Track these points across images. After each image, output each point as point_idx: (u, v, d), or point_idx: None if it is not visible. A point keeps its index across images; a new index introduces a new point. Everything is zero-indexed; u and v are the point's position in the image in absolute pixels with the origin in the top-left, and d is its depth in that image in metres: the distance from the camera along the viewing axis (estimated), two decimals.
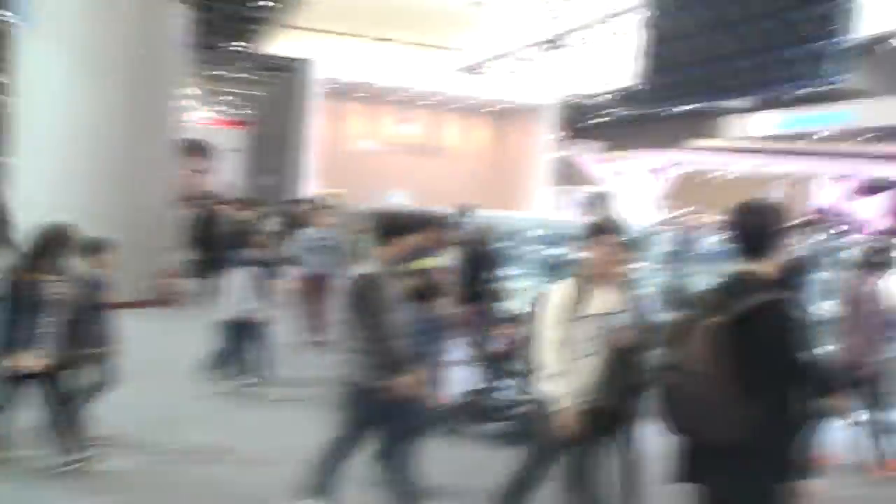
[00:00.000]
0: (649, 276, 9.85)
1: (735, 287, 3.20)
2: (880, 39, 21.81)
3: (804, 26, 20.65)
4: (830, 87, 22.14)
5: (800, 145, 31.95)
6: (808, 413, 3.10)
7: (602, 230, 5.05)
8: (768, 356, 2.96)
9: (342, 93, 31.25)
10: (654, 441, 4.51)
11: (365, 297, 5.11)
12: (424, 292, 6.95)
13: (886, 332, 7.15)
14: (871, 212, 38.02)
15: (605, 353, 4.89)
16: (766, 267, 3.23)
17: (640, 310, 5.24)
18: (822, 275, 10.78)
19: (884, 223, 36.56)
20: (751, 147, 32.96)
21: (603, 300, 4.97)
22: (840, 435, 7.43)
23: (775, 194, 37.94)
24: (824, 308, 8.24)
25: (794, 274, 7.55)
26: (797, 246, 10.89)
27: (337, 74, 29.02)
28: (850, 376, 7.03)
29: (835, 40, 19.98)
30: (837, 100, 25.28)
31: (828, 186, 39.32)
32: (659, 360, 3.47)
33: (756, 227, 3.28)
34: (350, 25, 30.75)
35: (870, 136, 28.79)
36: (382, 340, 5.09)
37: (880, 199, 38.47)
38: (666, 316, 5.01)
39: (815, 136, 29.10)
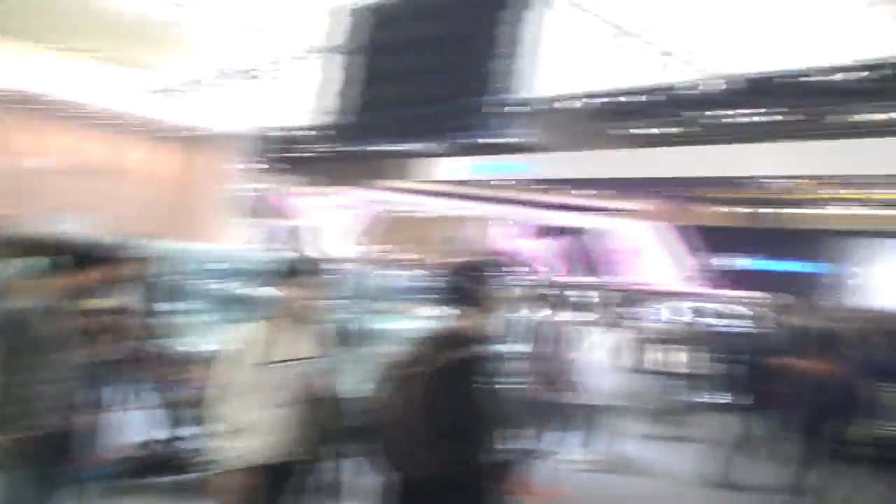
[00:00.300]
0: (340, 315, 9.62)
1: (444, 339, 3.58)
2: (551, 101, 24.22)
3: (488, 80, 22.37)
4: (509, 139, 24.34)
5: (486, 191, 34.38)
6: (502, 451, 3.53)
7: (296, 269, 4.65)
8: (462, 404, 3.37)
9: (10, 103, 27.66)
10: (360, 480, 4.58)
11: (15, 335, 4.32)
12: (94, 331, 6.02)
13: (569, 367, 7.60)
14: (545, 254, 42.18)
15: (297, 402, 4.47)
16: (471, 322, 3.60)
17: (332, 352, 4.92)
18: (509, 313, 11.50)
19: (557, 266, 40.72)
20: (442, 190, 34.90)
21: (295, 344, 4.54)
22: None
23: (464, 235, 40.57)
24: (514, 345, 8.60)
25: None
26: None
27: (4, 83, 25.65)
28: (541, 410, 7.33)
29: (512, 97, 21.92)
30: (516, 152, 27.60)
31: (509, 230, 42.98)
32: (368, 402, 3.75)
33: (466, 285, 3.66)
34: (29, 31, 27.43)
35: (546, 186, 31.81)
36: (33, 384, 4.36)
37: (554, 244, 42.89)
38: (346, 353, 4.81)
39: (499, 182, 31.41)
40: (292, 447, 4.45)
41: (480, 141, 24.88)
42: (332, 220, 35.93)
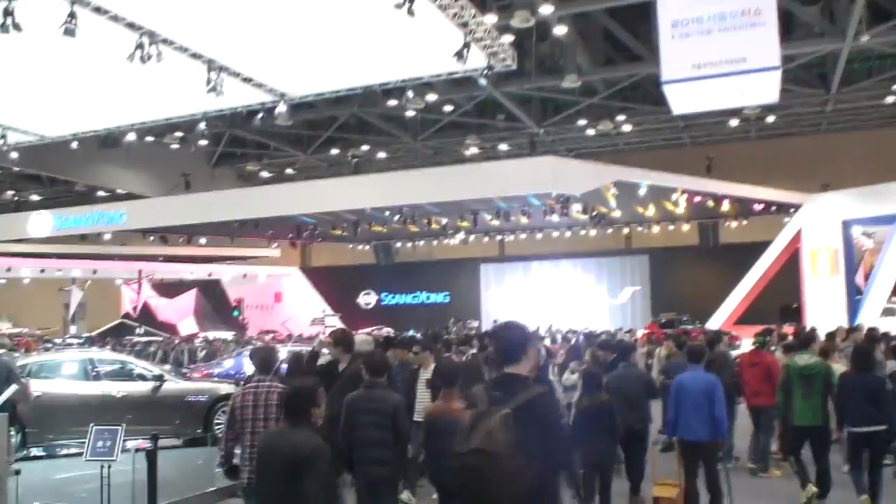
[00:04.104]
0: None
1: (503, 385, 3.82)
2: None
3: None
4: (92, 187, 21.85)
5: (86, 246, 31.05)
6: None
7: None
8: (542, 433, 3.67)
9: None
10: None
11: None
12: None
13: None
14: (175, 313, 39.39)
15: None
16: (522, 368, 3.85)
17: None
18: None
19: (187, 324, 38.19)
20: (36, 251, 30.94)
21: None
22: None
23: (73, 297, 36.35)
24: None
25: None
26: None
27: None
28: None
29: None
30: (103, 201, 25.15)
31: (131, 288, 39.46)
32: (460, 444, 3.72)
33: (512, 339, 3.91)
34: None
35: (152, 237, 29.46)
36: None
37: (183, 300, 40.27)
38: None
39: (98, 236, 28.42)
40: None
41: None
42: None
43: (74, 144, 18.12)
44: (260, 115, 15.90)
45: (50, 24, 9.71)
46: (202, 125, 15.32)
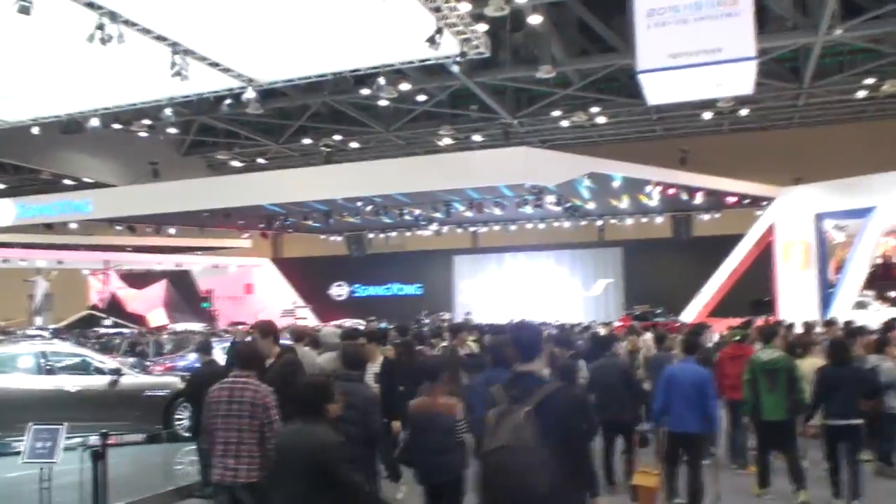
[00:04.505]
0: None
1: (522, 383, 3.97)
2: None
3: None
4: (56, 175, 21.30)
5: (51, 236, 30.40)
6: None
7: None
8: (564, 426, 3.84)
9: None
10: None
11: None
12: None
13: None
14: (144, 304, 38.74)
15: None
16: (536, 366, 4.06)
17: None
18: None
19: (156, 315, 37.57)
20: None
21: None
22: None
23: (38, 288, 35.62)
24: None
25: None
26: None
27: None
28: None
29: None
30: (70, 190, 24.59)
31: (98, 279, 38.78)
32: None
33: (529, 338, 4.09)
34: None
35: (119, 227, 28.87)
36: None
37: (152, 291, 39.62)
38: None
39: (64, 226, 27.80)
40: None
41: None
42: None
43: (35, 130, 17.60)
44: (227, 102, 15.53)
45: (5, 2, 9.31)
46: (168, 111, 14.92)
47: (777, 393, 7.81)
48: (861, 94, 25.79)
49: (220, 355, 9.97)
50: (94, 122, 15.26)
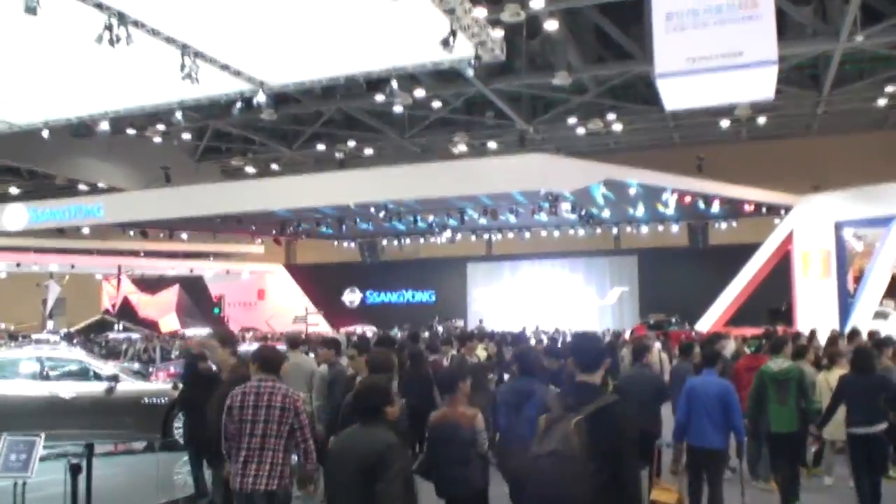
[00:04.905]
0: None
1: (578, 393, 4.02)
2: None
3: None
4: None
5: (64, 241, 30.43)
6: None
7: None
8: (615, 440, 3.82)
9: None
10: None
11: None
12: None
13: None
14: (156, 309, 38.72)
15: None
16: (596, 378, 4.05)
17: None
18: None
19: (169, 321, 37.54)
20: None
21: None
22: None
23: (50, 292, 35.63)
24: None
25: None
26: None
27: None
28: None
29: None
30: (81, 194, 24.55)
31: (110, 284, 38.80)
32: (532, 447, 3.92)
33: (591, 349, 4.17)
34: None
35: (132, 232, 28.84)
36: None
37: (165, 296, 39.60)
38: None
39: (77, 231, 27.80)
40: None
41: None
42: None
43: (45, 133, 17.49)
44: (238, 105, 15.33)
45: (12, 4, 9.15)
46: (178, 114, 14.75)
47: (788, 404, 7.61)
48: (881, 101, 25.38)
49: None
50: (104, 126, 15.15)
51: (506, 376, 10.38)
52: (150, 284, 39.87)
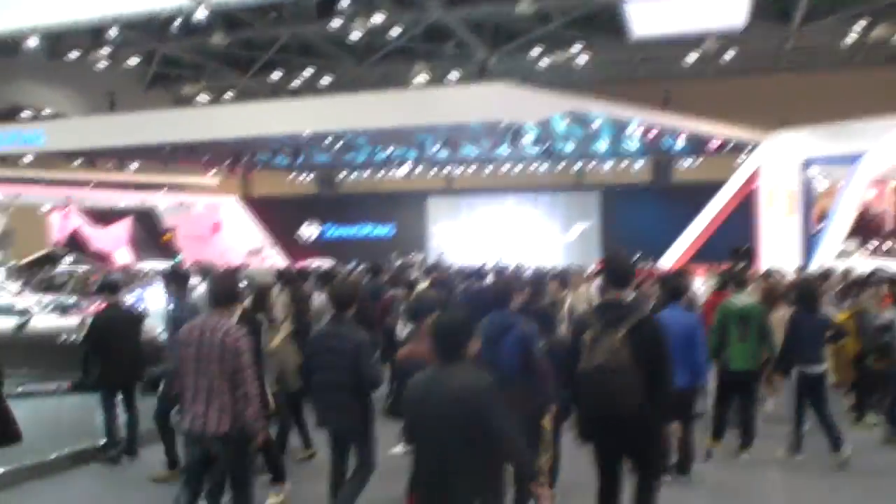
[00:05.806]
0: None
1: (614, 309, 4.41)
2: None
3: None
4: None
5: (5, 169, 29.03)
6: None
7: None
8: (656, 348, 4.30)
9: None
10: None
11: None
12: None
13: None
14: (109, 242, 37.51)
15: None
16: (628, 295, 4.68)
17: None
18: None
19: (121, 254, 36.41)
20: None
21: None
22: None
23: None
24: None
25: None
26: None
27: None
28: None
29: None
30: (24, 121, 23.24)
31: (61, 215, 37.41)
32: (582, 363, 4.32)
33: (622, 267, 4.61)
34: None
35: (77, 161, 27.57)
36: None
37: (117, 229, 38.33)
38: None
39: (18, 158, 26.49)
40: None
41: None
42: None
43: None
44: (179, 23, 14.38)
45: None
46: (113, 30, 13.77)
47: (749, 342, 7.32)
48: (851, 38, 24.89)
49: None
50: (33, 42, 14.05)
51: None
52: (101, 216, 38.51)
